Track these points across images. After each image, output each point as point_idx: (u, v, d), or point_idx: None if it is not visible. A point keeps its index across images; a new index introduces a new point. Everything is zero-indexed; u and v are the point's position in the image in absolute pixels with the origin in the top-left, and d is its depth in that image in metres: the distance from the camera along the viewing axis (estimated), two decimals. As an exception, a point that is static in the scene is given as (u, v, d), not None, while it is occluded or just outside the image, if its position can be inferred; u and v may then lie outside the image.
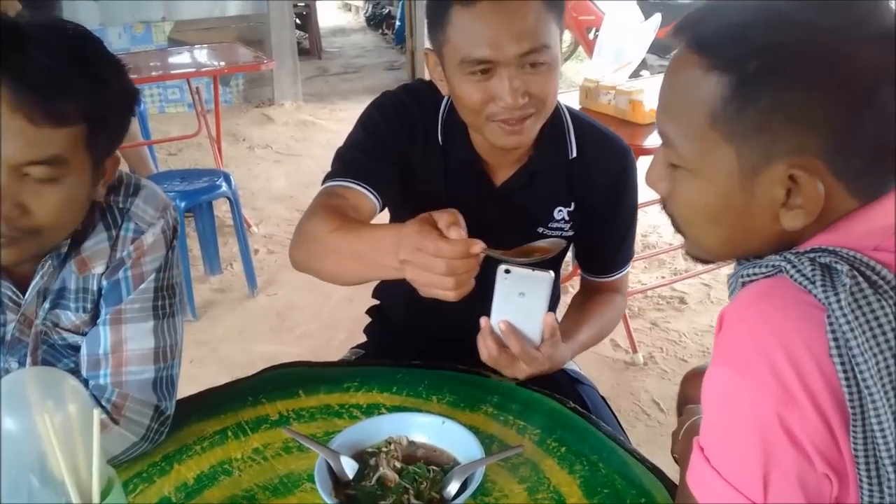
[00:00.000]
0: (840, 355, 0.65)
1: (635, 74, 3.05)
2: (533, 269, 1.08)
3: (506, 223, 1.27)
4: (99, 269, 1.08)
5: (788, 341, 0.67)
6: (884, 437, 0.64)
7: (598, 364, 2.81)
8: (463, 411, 1.18)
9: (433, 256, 0.95)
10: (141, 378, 1.08)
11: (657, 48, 6.19)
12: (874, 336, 0.65)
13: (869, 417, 0.64)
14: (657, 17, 2.97)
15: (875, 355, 0.64)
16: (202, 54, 4.29)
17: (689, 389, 1.29)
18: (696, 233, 0.82)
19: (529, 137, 1.23)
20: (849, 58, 0.67)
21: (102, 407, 1.05)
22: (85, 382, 1.08)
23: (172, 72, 4.05)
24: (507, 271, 1.08)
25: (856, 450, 0.66)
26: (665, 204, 0.84)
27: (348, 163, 1.29)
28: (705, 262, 0.88)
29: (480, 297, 1.29)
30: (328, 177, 1.29)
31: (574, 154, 1.33)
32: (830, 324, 0.66)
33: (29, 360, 1.09)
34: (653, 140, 2.55)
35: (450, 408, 1.19)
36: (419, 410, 1.16)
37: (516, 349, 1.10)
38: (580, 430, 1.14)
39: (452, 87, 1.21)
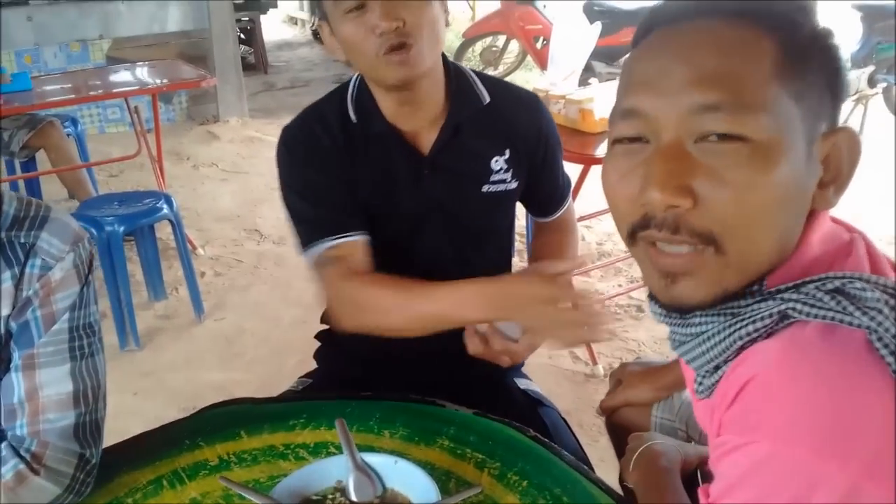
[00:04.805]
0: None
1: (584, 82, 3.02)
2: None
3: (448, 190, 1.31)
4: (4, 310, 0.99)
5: (848, 395, 0.59)
6: None
7: (558, 377, 2.76)
8: (418, 445, 1.11)
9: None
10: (61, 425, 0.99)
11: (604, 56, 6.21)
12: None
13: None
14: (597, 26, 2.94)
15: None
16: (142, 72, 4.15)
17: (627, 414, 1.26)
18: (755, 235, 0.66)
19: (418, 68, 1.21)
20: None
21: (21, 458, 0.97)
22: (4, 435, 0.99)
23: (109, 91, 3.91)
24: None
25: None
26: (682, 222, 0.66)
27: (315, 222, 1.28)
28: (703, 306, 0.69)
29: None
30: (306, 244, 1.28)
31: (487, 99, 1.33)
32: (886, 344, 0.60)
33: None
34: (604, 149, 2.50)
35: (403, 442, 1.12)
36: (371, 448, 1.08)
37: (498, 347, 1.17)
38: (542, 460, 1.07)
39: (343, 40, 1.22)
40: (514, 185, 1.36)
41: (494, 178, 1.33)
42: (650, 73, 0.68)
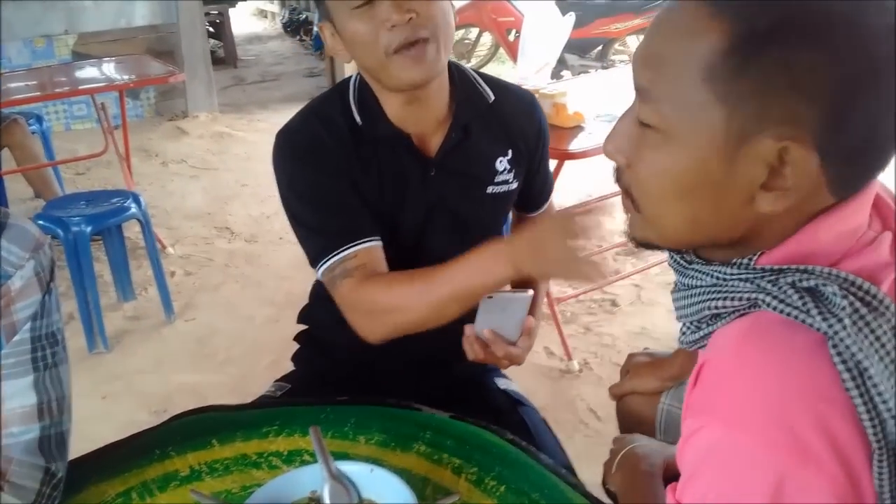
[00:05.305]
0: (857, 386, 0.59)
1: (556, 75, 3.02)
2: (514, 292, 1.17)
3: (454, 192, 1.29)
4: None
5: (793, 387, 0.60)
6: None
7: (534, 373, 2.75)
8: (394, 451, 1.09)
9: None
10: (25, 439, 0.96)
11: (576, 48, 6.21)
12: (881, 358, 0.59)
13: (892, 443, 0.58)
14: (571, 17, 2.93)
15: (889, 377, 0.58)
16: (109, 68, 4.07)
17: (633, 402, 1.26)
18: (659, 210, 0.71)
19: (434, 68, 1.17)
20: (865, 31, 0.61)
21: (-16, 474, 0.93)
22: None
23: (75, 87, 3.84)
24: (490, 297, 1.14)
25: (881, 487, 0.59)
26: (622, 174, 0.74)
27: (328, 232, 1.22)
28: (652, 247, 0.77)
29: None
30: (319, 256, 1.21)
31: (492, 97, 1.31)
32: (840, 353, 0.60)
33: None
34: (578, 144, 2.51)
35: (379, 448, 1.10)
36: (346, 455, 1.06)
37: (501, 353, 1.17)
38: (520, 465, 1.06)
39: (349, 39, 1.18)
40: (515, 185, 1.34)
41: (498, 178, 1.32)
42: (643, 41, 0.72)
